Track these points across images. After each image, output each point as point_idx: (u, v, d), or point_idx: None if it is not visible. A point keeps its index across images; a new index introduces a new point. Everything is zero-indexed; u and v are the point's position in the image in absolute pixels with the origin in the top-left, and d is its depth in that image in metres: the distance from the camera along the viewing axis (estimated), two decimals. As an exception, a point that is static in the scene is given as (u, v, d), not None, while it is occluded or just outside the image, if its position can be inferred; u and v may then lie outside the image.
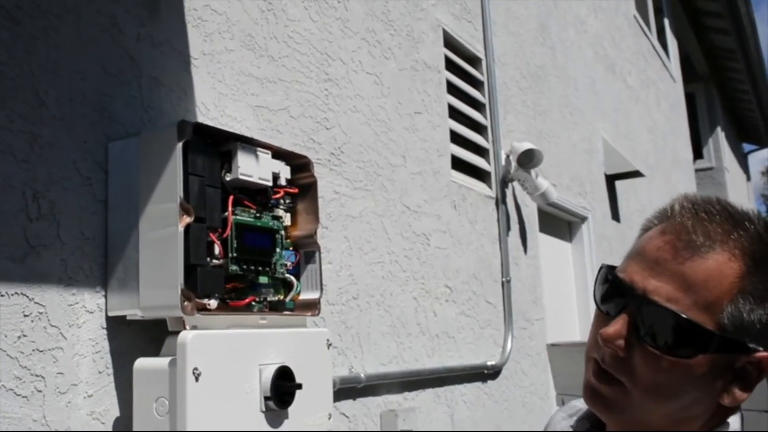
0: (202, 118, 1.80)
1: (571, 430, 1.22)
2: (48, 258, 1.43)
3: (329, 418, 1.73)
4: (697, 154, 12.37)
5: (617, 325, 1.00)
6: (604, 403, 1.05)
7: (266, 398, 1.52)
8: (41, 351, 1.40)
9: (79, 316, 1.48)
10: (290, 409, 1.58)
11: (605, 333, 1.00)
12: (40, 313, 1.40)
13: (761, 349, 0.96)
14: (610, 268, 1.06)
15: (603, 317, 1.05)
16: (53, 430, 1.40)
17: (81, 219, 1.50)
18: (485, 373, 3.16)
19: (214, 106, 1.87)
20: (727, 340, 0.95)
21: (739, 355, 0.96)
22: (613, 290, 1.04)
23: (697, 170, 11.46)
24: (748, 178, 19.00)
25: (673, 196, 1.12)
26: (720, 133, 13.48)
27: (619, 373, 1.01)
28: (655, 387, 0.99)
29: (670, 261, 0.98)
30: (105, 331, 1.52)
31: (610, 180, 5.69)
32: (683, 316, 0.95)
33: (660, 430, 1.02)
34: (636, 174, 5.73)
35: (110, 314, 1.53)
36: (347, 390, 2.21)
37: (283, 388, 1.54)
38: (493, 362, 3.18)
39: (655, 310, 0.97)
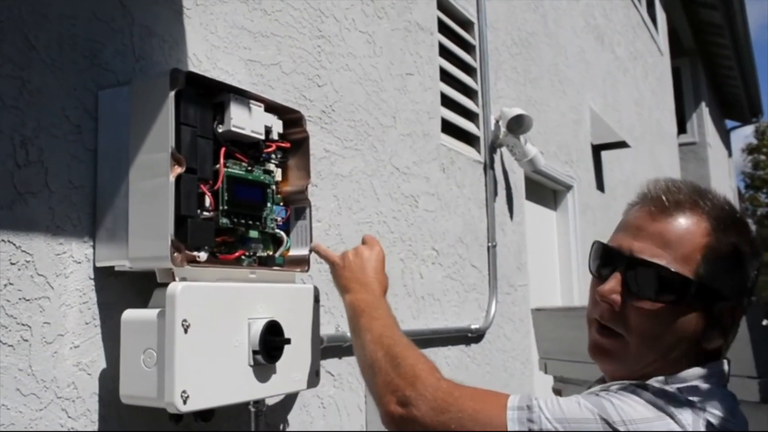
0: (193, 70, 1.77)
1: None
2: (35, 206, 1.40)
3: (317, 375, 1.73)
4: (681, 128, 12.40)
5: (611, 282, 1.19)
6: (608, 354, 1.21)
7: (254, 352, 1.51)
8: (28, 300, 1.38)
9: (66, 265, 1.46)
10: (278, 364, 1.58)
11: (602, 290, 1.19)
12: (27, 262, 1.38)
13: (733, 298, 1.14)
14: (601, 242, 1.24)
15: (598, 282, 1.22)
16: (39, 380, 1.38)
17: (70, 167, 1.48)
18: (469, 337, 3.17)
19: (206, 58, 1.84)
20: (704, 287, 1.12)
21: (716, 302, 1.13)
22: (605, 258, 1.22)
23: (680, 144, 11.49)
24: (730, 155, 19.11)
25: (656, 168, 1.30)
26: (704, 109, 13.51)
27: (617, 326, 1.19)
28: (647, 334, 1.16)
29: (649, 224, 1.17)
30: (92, 282, 1.50)
31: (596, 150, 5.70)
32: (666, 267, 1.13)
33: (645, 372, 1.16)
34: (622, 145, 5.74)
35: (98, 265, 1.51)
36: (333, 348, 2.21)
37: (271, 343, 1.54)
38: (477, 326, 3.19)
39: (642, 265, 1.15)
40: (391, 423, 1.23)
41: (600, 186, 5.76)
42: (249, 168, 1.64)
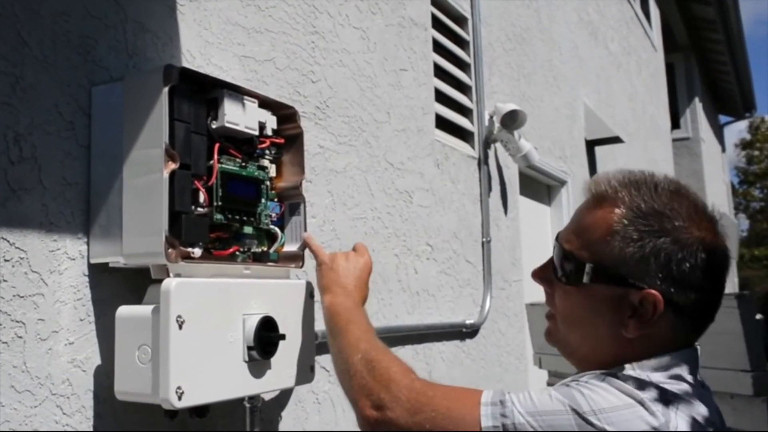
0: (187, 66, 1.76)
1: None
2: (29, 202, 1.40)
3: (312, 370, 1.73)
4: (675, 123, 12.43)
5: (541, 264, 1.31)
6: (550, 335, 1.32)
7: (249, 348, 1.51)
8: (22, 297, 1.38)
9: (60, 262, 1.45)
10: (273, 360, 1.58)
11: (533, 271, 1.33)
12: (21, 258, 1.38)
13: (645, 287, 1.14)
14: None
15: None
16: (34, 377, 1.38)
17: (63, 164, 1.47)
18: (463, 332, 3.18)
19: (200, 54, 1.84)
20: (605, 272, 1.17)
21: (627, 288, 1.15)
22: (555, 239, 1.30)
23: (674, 140, 11.52)
24: (723, 150, 19.15)
25: (650, 163, 1.33)
26: (697, 104, 13.54)
27: (551, 307, 1.30)
28: (565, 313, 1.26)
29: (576, 213, 1.27)
30: (87, 278, 1.50)
31: (590, 145, 5.71)
32: (570, 250, 1.22)
33: (586, 358, 1.24)
34: (616, 140, 5.75)
35: (92, 261, 1.50)
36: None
37: (266, 339, 1.54)
38: (471, 321, 3.20)
39: (558, 249, 1.26)
40: (366, 426, 1.25)
41: (594, 181, 5.75)
42: (243, 164, 1.64)
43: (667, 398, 1.08)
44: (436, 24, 3.29)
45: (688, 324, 1.19)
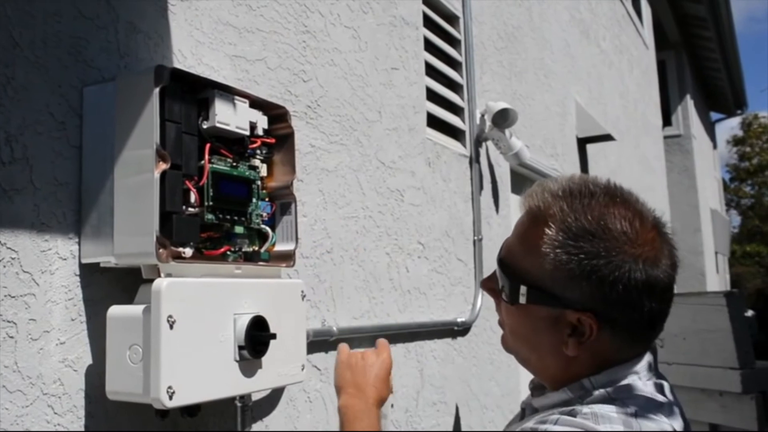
0: (179, 66, 1.77)
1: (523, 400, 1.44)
2: (20, 203, 1.41)
3: (302, 369, 1.74)
4: (666, 121, 12.47)
5: (488, 274, 1.32)
6: (503, 342, 1.34)
7: (240, 347, 1.52)
8: (13, 297, 1.38)
9: (52, 262, 1.46)
10: (264, 359, 1.59)
11: (481, 281, 1.37)
12: (12, 259, 1.38)
13: (579, 308, 1.14)
14: None
15: None
16: (25, 376, 1.39)
17: (54, 164, 1.48)
18: (455, 330, 3.19)
19: (192, 54, 1.84)
20: (539, 292, 1.17)
21: (563, 309, 1.15)
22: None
23: (665, 137, 11.56)
24: (715, 147, 19.21)
25: (642, 161, 1.29)
26: (689, 101, 13.58)
27: (500, 316, 1.32)
28: (511, 330, 1.28)
29: (516, 225, 1.26)
30: (78, 278, 1.51)
31: (582, 143, 5.72)
32: (508, 266, 1.22)
33: (536, 368, 1.27)
34: (607, 138, 5.76)
35: (84, 261, 1.51)
36: (319, 343, 2.22)
37: (257, 338, 1.55)
38: (463, 319, 3.20)
39: (498, 265, 1.26)
40: None
41: (585, 179, 5.77)
42: (234, 164, 1.64)
43: (621, 412, 1.10)
44: (428, 23, 3.29)
45: (628, 339, 1.17)
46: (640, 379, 1.17)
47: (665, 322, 1.20)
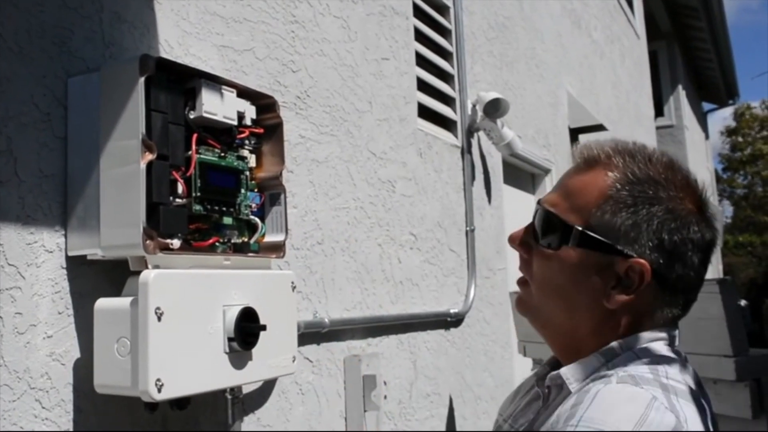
0: (165, 56, 1.75)
1: (533, 373, 1.34)
2: (5, 195, 1.39)
3: (293, 361, 1.73)
4: (658, 111, 12.48)
5: (520, 228, 1.25)
6: (520, 302, 1.26)
7: (230, 339, 1.51)
8: (-1, 290, 1.36)
9: (37, 255, 1.44)
10: (254, 351, 1.57)
11: (510, 234, 1.26)
12: (-2, 251, 1.37)
13: (634, 255, 1.10)
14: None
15: None
16: (12, 370, 1.37)
17: (39, 156, 1.46)
18: (448, 321, 3.18)
19: (178, 44, 1.82)
20: (588, 235, 1.12)
21: (614, 256, 1.11)
22: (536, 204, 1.25)
23: (657, 128, 11.56)
24: (707, 137, 19.24)
25: None
26: (681, 92, 13.59)
27: (525, 273, 1.24)
28: (543, 280, 1.19)
29: (564, 179, 1.22)
30: (65, 271, 1.49)
31: (574, 133, 5.71)
32: (555, 213, 1.16)
33: (561, 329, 1.19)
34: (599, 128, 5.75)
35: (70, 254, 1.49)
36: (311, 334, 2.21)
37: (247, 329, 1.53)
38: (456, 310, 3.19)
39: (540, 212, 1.20)
40: None
41: (578, 169, 5.76)
42: (222, 154, 1.63)
43: (668, 390, 1.03)
44: (418, 13, 3.28)
45: (670, 298, 1.14)
46: (667, 346, 1.13)
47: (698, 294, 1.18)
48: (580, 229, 1.13)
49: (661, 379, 1.05)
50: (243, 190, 1.67)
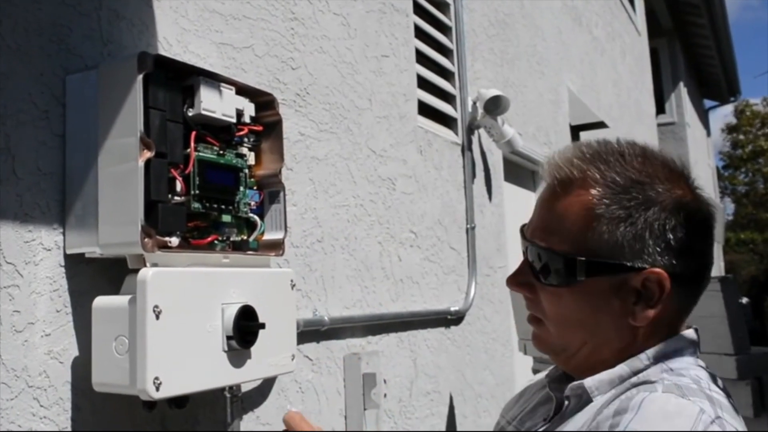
0: (164, 54, 1.74)
1: (545, 376, 1.29)
2: (3, 193, 1.38)
3: (292, 359, 1.72)
4: (660, 108, 12.46)
5: (517, 269, 1.18)
6: (538, 340, 1.19)
7: (228, 338, 1.50)
8: (-4, 288, 1.36)
9: (36, 253, 1.44)
10: (253, 349, 1.57)
11: (507, 278, 1.20)
12: (-5, 250, 1.36)
13: (647, 266, 1.05)
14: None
15: None
16: (10, 369, 1.37)
17: (38, 154, 1.45)
18: (448, 319, 3.17)
19: (177, 41, 1.82)
20: (594, 262, 1.06)
21: (626, 274, 1.05)
22: (521, 238, 1.19)
23: (659, 125, 11.55)
24: (708, 134, 19.22)
25: None
26: (682, 89, 13.58)
27: (536, 312, 1.17)
28: (559, 317, 1.13)
29: (542, 203, 1.15)
30: (63, 269, 1.49)
31: (575, 131, 5.70)
32: (545, 247, 1.10)
33: (589, 359, 1.12)
34: (600, 125, 5.74)
35: (68, 252, 1.49)
36: (311, 333, 2.20)
37: (245, 328, 1.52)
38: (456, 308, 3.19)
39: (534, 249, 1.13)
40: None
41: (579, 167, 5.75)
42: (221, 152, 1.62)
43: (714, 402, 0.99)
44: (418, 10, 3.27)
45: (691, 293, 1.11)
46: (692, 355, 1.11)
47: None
48: (583, 259, 1.07)
49: (705, 390, 1.01)
50: (242, 188, 1.66)
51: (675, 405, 0.97)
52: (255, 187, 1.73)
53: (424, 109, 3.21)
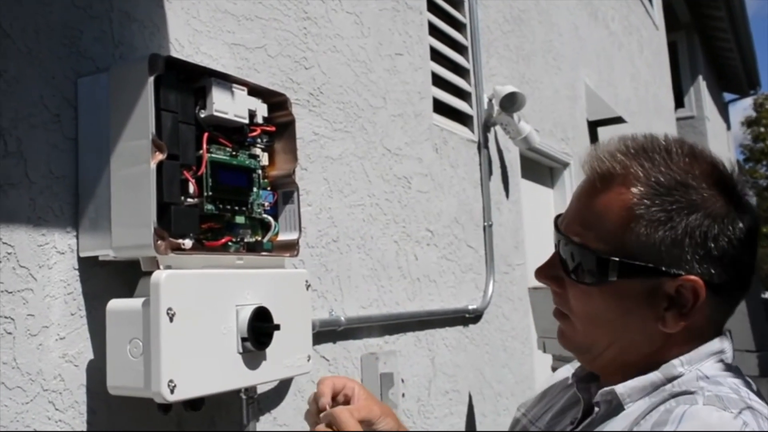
0: (176, 55, 1.74)
1: (571, 374, 1.26)
2: (16, 197, 1.38)
3: (308, 360, 1.71)
4: (678, 102, 12.38)
5: (547, 261, 1.15)
6: (563, 337, 1.16)
7: (243, 339, 1.49)
8: (10, 292, 1.36)
9: (49, 256, 1.43)
10: (268, 351, 1.56)
11: (536, 270, 1.16)
12: (9, 254, 1.36)
13: (683, 273, 1.01)
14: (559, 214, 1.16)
15: None
16: (24, 372, 1.37)
17: (50, 157, 1.45)
18: (466, 317, 3.15)
19: (189, 43, 1.81)
20: (629, 265, 1.02)
21: (660, 278, 1.01)
22: (554, 230, 1.14)
23: (678, 119, 11.47)
24: (729, 128, 19.08)
25: None
26: (701, 82, 13.49)
27: (563, 307, 1.14)
28: (586, 315, 1.09)
29: (579, 197, 1.11)
30: (77, 272, 1.48)
31: (593, 126, 5.67)
32: (579, 243, 1.06)
33: (615, 361, 1.09)
34: (618, 120, 5.70)
35: (82, 255, 1.48)
36: (327, 333, 2.19)
37: (260, 329, 1.52)
38: (474, 306, 3.17)
39: (567, 244, 1.09)
40: None
41: (597, 162, 5.71)
42: (233, 153, 1.61)
43: (756, 414, 0.95)
44: (432, 7, 3.25)
45: (727, 303, 1.07)
46: (726, 360, 1.07)
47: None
48: (617, 260, 1.03)
49: (746, 400, 0.98)
50: (255, 189, 1.66)
51: (718, 419, 0.93)
52: (268, 188, 1.72)
53: (440, 107, 3.20)
